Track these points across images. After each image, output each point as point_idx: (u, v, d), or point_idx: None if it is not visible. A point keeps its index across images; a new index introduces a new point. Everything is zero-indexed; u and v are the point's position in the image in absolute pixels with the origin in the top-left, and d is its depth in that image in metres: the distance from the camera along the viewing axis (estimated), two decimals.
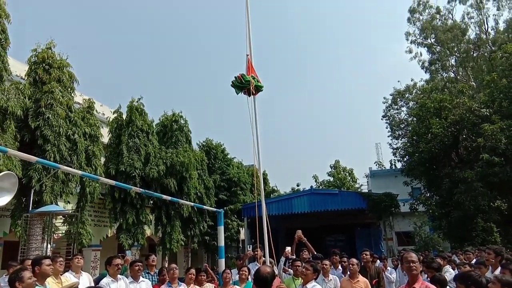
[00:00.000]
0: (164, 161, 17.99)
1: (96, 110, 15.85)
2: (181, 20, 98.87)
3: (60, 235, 13.00)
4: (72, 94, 13.84)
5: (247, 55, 7.65)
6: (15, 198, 11.28)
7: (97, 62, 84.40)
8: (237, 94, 7.44)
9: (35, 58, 13.18)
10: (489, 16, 28.44)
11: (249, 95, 7.38)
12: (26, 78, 13.32)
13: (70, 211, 13.54)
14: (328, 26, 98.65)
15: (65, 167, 4.24)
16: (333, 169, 41.41)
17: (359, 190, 37.45)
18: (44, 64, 12.99)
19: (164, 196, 6.61)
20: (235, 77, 7.42)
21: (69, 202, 14.02)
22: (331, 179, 40.87)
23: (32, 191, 11.82)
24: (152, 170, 17.20)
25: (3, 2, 11.69)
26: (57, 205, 12.61)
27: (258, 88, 7.51)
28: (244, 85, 7.33)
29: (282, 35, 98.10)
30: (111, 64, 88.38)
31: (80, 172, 4.54)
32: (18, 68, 15.10)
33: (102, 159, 16.28)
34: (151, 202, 18.63)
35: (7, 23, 11.69)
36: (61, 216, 12.83)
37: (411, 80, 29.79)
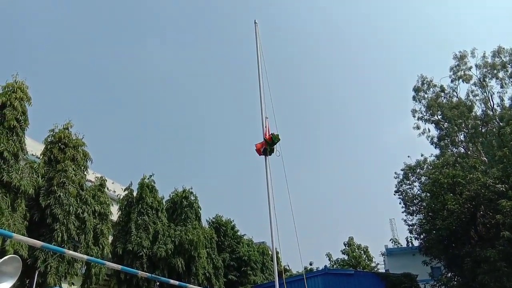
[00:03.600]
0: (173, 239, 17.62)
1: (108, 188, 15.95)
2: (192, 97, 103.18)
3: None
4: (85, 172, 14.05)
5: (267, 118, 8.22)
6: (19, 280, 10.92)
7: (111, 139, 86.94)
8: (269, 152, 8.00)
9: (51, 138, 13.61)
10: (493, 93, 28.95)
11: (269, 154, 8.09)
12: (41, 157, 13.63)
13: None
14: (339, 99, 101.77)
15: (71, 252, 4.10)
16: (347, 246, 39.95)
17: (375, 269, 35.78)
18: (60, 144, 13.37)
19: (172, 281, 6.29)
20: (272, 133, 8.16)
21: (73, 283, 13.55)
22: (346, 257, 39.26)
23: (37, 272, 11.49)
24: (160, 249, 16.79)
25: (26, 86, 12.41)
26: (61, 287, 12.15)
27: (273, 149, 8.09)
28: (274, 143, 7.98)
29: (293, 108, 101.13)
30: (124, 141, 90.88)
31: (85, 257, 4.38)
32: (34, 147, 15.53)
33: (110, 238, 16.00)
34: (158, 284, 17.89)
35: (27, 105, 12.29)
36: None
37: (421, 155, 29.63)
